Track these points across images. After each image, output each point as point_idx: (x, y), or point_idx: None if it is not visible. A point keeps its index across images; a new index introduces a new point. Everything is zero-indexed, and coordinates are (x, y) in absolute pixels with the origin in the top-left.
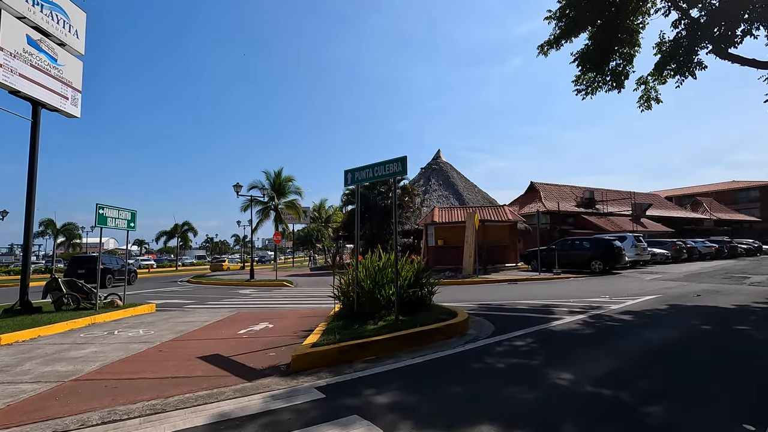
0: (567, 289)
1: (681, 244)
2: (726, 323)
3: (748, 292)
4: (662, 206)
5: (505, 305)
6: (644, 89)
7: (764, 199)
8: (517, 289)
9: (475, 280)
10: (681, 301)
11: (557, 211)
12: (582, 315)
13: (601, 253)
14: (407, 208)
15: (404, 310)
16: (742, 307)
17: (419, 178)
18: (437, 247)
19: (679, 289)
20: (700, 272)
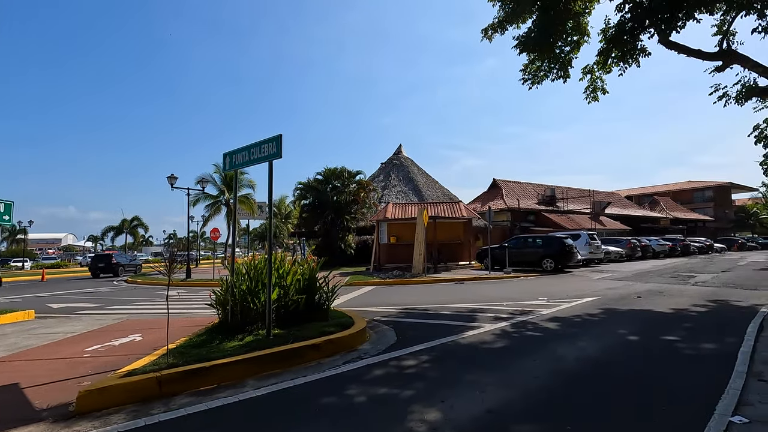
0: (509, 290)
1: (635, 242)
2: (656, 332)
3: (690, 293)
4: (621, 205)
5: (431, 310)
6: (590, 79)
7: (718, 199)
8: (459, 291)
9: (422, 279)
10: (618, 305)
11: (517, 209)
12: (505, 323)
13: (553, 252)
14: (363, 204)
15: (290, 320)
16: (679, 312)
17: (379, 173)
18: (389, 245)
19: (623, 289)
20: (650, 271)
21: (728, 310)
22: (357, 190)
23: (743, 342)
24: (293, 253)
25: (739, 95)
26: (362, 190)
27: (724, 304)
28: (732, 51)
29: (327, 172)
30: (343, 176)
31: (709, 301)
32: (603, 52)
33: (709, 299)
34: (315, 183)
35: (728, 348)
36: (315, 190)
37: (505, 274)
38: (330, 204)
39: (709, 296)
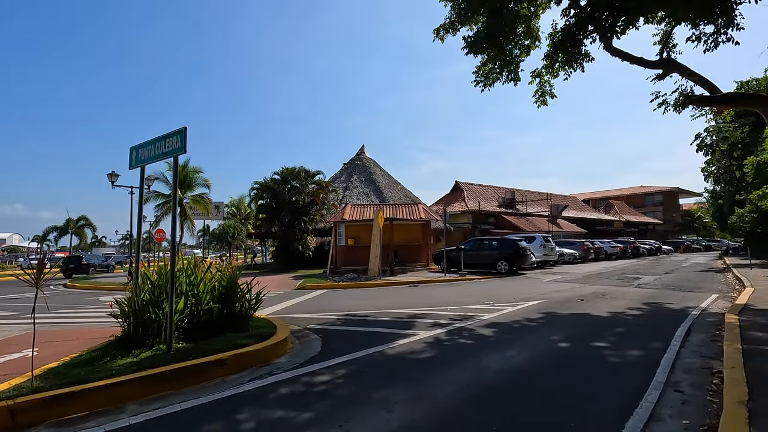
0: (459, 293)
1: (589, 245)
2: (588, 338)
3: (631, 295)
4: (578, 208)
5: (372, 316)
6: (539, 83)
7: (667, 204)
8: (410, 294)
9: (376, 282)
10: (560, 308)
11: (478, 211)
12: (441, 329)
13: (507, 254)
14: (322, 205)
15: (204, 332)
16: (615, 316)
17: (341, 173)
18: (347, 247)
19: (570, 292)
20: (600, 272)
21: (661, 313)
22: (316, 190)
23: (669, 347)
24: (253, 255)
25: (677, 102)
26: (321, 191)
27: (659, 307)
28: (671, 60)
29: (285, 172)
30: (301, 176)
31: (646, 304)
32: (550, 56)
33: (646, 302)
34: (272, 183)
35: (653, 354)
36: (272, 190)
37: (460, 276)
38: (287, 205)
39: (648, 298)
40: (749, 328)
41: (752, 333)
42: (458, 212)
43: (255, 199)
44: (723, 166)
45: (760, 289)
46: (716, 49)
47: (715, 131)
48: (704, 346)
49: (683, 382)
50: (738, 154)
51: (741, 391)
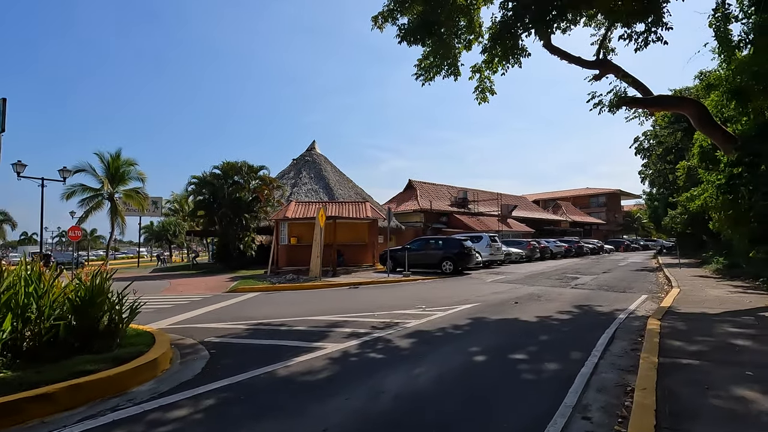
0: (395, 295)
1: (535, 244)
2: (507, 350)
3: (565, 297)
4: (528, 208)
5: (287, 325)
6: (479, 78)
7: (609, 205)
8: (345, 297)
9: (316, 284)
10: (492, 313)
11: (429, 210)
12: (356, 341)
13: (452, 254)
14: (266, 202)
15: (55, 354)
16: (543, 321)
17: (290, 170)
18: (290, 246)
19: (508, 293)
20: (543, 272)
21: (590, 317)
22: (260, 186)
23: (588, 358)
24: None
25: (612, 103)
26: (265, 187)
27: (589, 311)
28: (607, 61)
29: (226, 167)
30: (244, 171)
31: (577, 307)
32: (488, 50)
33: (578, 304)
34: (211, 178)
35: (570, 368)
36: (211, 185)
37: (404, 277)
38: (228, 201)
39: (581, 301)
40: (669, 335)
41: (671, 342)
42: (410, 211)
43: (193, 194)
44: (658, 170)
45: (685, 290)
46: (646, 47)
47: (651, 136)
48: (624, 357)
49: (593, 406)
50: (671, 158)
51: (648, 423)
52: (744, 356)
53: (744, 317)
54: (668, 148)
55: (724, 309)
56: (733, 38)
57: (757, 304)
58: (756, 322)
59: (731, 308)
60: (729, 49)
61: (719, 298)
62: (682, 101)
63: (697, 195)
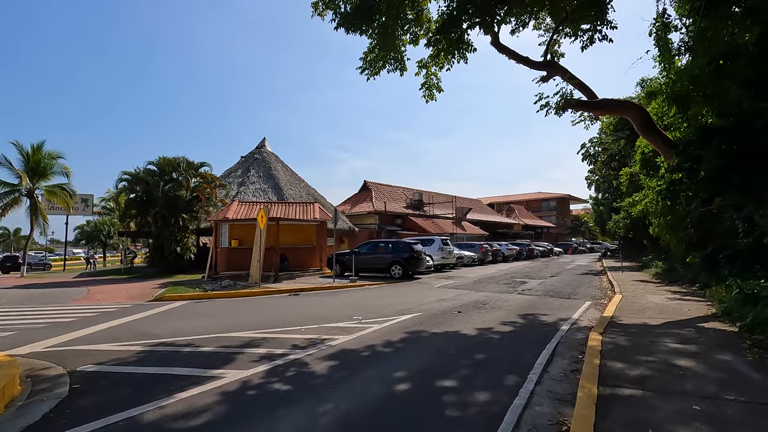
0: (334, 304)
1: (487, 247)
2: (437, 374)
3: (512, 304)
4: (482, 211)
5: (192, 344)
6: (426, 74)
7: (559, 209)
8: (280, 306)
9: (253, 291)
10: (431, 325)
11: (384, 212)
12: (266, 365)
13: (402, 258)
14: (208, 201)
15: None
16: (483, 335)
17: (237, 167)
18: (230, 249)
19: (453, 300)
20: (493, 276)
21: (532, 329)
22: (201, 184)
23: (523, 385)
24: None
25: (558, 105)
26: (207, 185)
27: (532, 321)
28: (555, 62)
29: (162, 162)
30: (182, 167)
31: (521, 316)
32: (433, 43)
33: (523, 313)
34: (145, 174)
35: (503, 399)
36: (144, 182)
37: (351, 282)
38: (163, 200)
39: (525, 309)
40: (611, 353)
41: (612, 364)
42: (365, 213)
43: (125, 191)
44: (603, 176)
45: (627, 295)
46: (592, 45)
47: (597, 143)
48: (562, 381)
49: None
50: (615, 164)
51: None
52: (689, 383)
53: (685, 329)
54: (612, 155)
55: (664, 319)
56: (672, 47)
57: (696, 313)
58: (696, 335)
59: (671, 318)
60: (669, 57)
61: (659, 306)
62: (626, 106)
63: (638, 200)
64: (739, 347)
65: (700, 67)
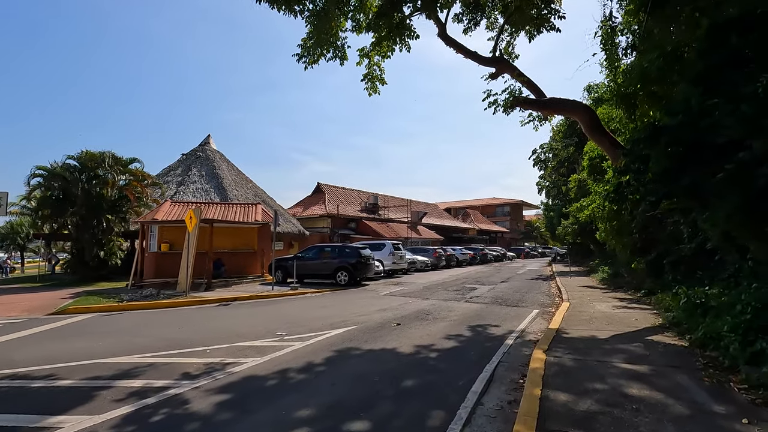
0: (263, 316)
1: (441, 252)
2: (349, 414)
3: (457, 313)
4: (438, 215)
5: (53, 376)
6: (368, 65)
7: (513, 214)
8: (198, 319)
9: (178, 301)
10: (364, 341)
11: (336, 215)
12: (129, 405)
13: (349, 263)
14: (138, 201)
15: None
16: (419, 353)
17: (177, 165)
18: (160, 254)
19: (395, 311)
20: (443, 282)
21: (474, 344)
22: (130, 182)
23: (448, 428)
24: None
25: (507, 103)
26: (137, 184)
27: (476, 335)
28: (503, 59)
29: (85, 157)
30: (107, 163)
31: (466, 328)
32: (374, 27)
33: (468, 324)
34: (62, 170)
35: None
36: (62, 179)
37: (291, 290)
38: (83, 198)
39: (471, 318)
40: (555, 381)
41: (555, 397)
42: (317, 216)
43: (40, 189)
44: (553, 181)
45: (574, 303)
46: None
47: (548, 149)
48: (496, 419)
49: None
50: (564, 170)
51: None
52: (643, 421)
53: (634, 344)
54: (562, 161)
55: (612, 331)
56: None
57: (643, 323)
58: (646, 351)
59: (619, 329)
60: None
61: (606, 315)
62: (575, 106)
63: (585, 205)
64: (692, 367)
65: (649, 61)
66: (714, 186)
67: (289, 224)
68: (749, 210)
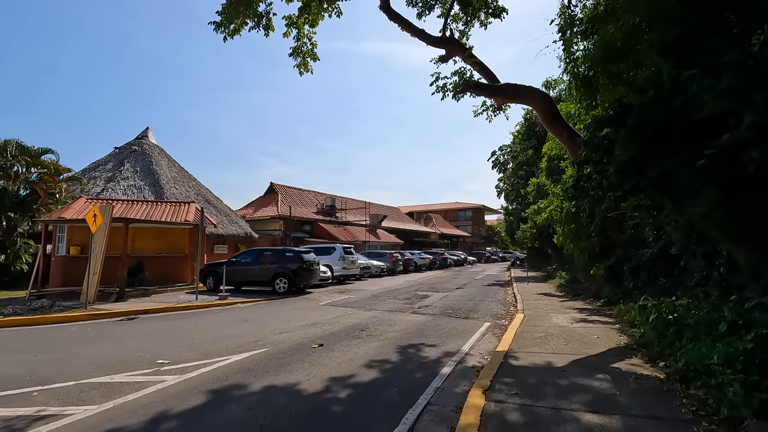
0: (159, 335)
1: (398, 256)
2: None
3: (397, 329)
4: (399, 219)
5: None
6: (297, 36)
7: (475, 219)
8: (69, 341)
9: (73, 314)
10: (262, 373)
11: (289, 216)
12: None
13: (288, 269)
14: (52, 198)
15: None
16: (326, 391)
17: (108, 160)
18: (69, 259)
19: (324, 326)
20: (395, 289)
21: (403, 374)
22: (42, 176)
23: None
24: None
25: (456, 87)
26: (50, 178)
27: (410, 358)
28: (454, 39)
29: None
30: (9, 152)
31: (400, 349)
32: None
33: (404, 344)
34: None
35: None
36: None
37: (220, 299)
38: None
39: (411, 336)
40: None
41: None
42: (268, 217)
43: None
44: (512, 184)
45: (529, 315)
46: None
47: (507, 151)
48: None
49: None
50: (522, 173)
51: None
52: None
53: (598, 377)
54: (521, 164)
55: (571, 354)
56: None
57: (606, 342)
58: (615, 389)
59: (579, 352)
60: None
61: (564, 331)
62: (531, 92)
63: (543, 207)
64: (678, 417)
65: (612, 32)
66: (690, 177)
67: (235, 226)
68: (731, 205)
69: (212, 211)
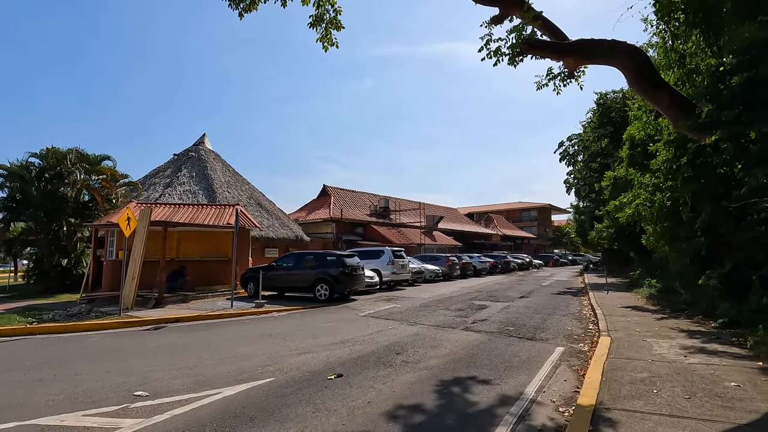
0: (168, 353)
1: (454, 260)
2: None
3: (442, 352)
4: (457, 220)
5: None
6: (317, 2)
7: (541, 219)
8: (76, 358)
9: (105, 322)
10: (240, 424)
11: (341, 219)
12: None
13: (329, 275)
14: (105, 203)
15: None
16: None
17: (167, 167)
18: (117, 263)
19: (355, 345)
20: (448, 297)
21: (446, 430)
22: (101, 183)
23: None
24: None
25: (514, 47)
26: (108, 184)
27: (451, 404)
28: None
29: (49, 153)
30: (68, 161)
31: (439, 387)
32: None
33: (447, 377)
34: (20, 168)
35: None
36: (19, 178)
37: (256, 307)
38: (39, 199)
39: (459, 365)
40: None
41: None
42: (320, 220)
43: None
44: (584, 177)
45: (618, 339)
46: None
47: (577, 141)
48: None
49: None
50: (596, 165)
51: None
52: None
53: None
54: (593, 155)
55: (706, 423)
56: None
57: (752, 393)
58: None
59: (712, 413)
60: None
61: (678, 370)
62: (614, 48)
63: (627, 202)
64: None
65: None
66: None
67: (286, 229)
68: None
69: (263, 215)
